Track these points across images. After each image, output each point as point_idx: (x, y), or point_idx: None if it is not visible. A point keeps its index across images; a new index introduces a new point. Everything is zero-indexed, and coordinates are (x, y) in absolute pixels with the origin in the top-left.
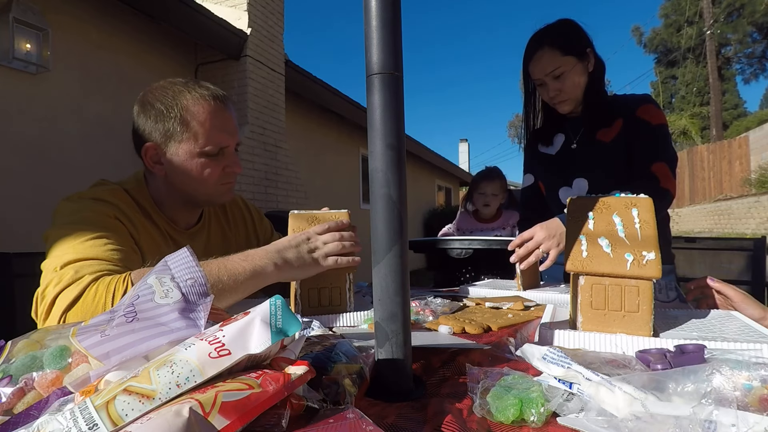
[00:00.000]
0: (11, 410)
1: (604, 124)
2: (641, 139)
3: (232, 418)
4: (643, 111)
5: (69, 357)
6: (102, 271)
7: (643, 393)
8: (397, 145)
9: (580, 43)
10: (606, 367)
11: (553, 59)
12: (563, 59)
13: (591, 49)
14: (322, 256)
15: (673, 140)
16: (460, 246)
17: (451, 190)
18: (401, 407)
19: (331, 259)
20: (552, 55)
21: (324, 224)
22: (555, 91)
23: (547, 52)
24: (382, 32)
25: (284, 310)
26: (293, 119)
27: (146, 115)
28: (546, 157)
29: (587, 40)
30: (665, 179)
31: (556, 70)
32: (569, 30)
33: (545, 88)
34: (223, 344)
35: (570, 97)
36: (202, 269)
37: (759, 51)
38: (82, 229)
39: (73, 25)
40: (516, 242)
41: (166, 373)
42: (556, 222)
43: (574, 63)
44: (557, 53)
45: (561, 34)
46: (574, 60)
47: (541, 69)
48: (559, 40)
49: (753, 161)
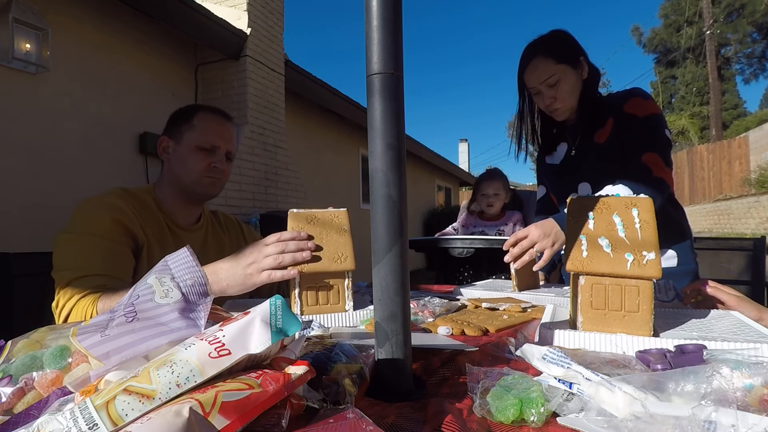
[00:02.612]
0: (11, 410)
1: (598, 125)
2: (630, 133)
3: (232, 418)
4: (629, 105)
5: (69, 357)
6: (87, 290)
7: (643, 393)
8: (397, 145)
9: (574, 52)
10: (606, 367)
11: (547, 67)
12: (557, 67)
13: (584, 57)
14: (256, 271)
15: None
16: (461, 245)
17: (451, 190)
18: (401, 407)
19: (265, 274)
20: (546, 64)
21: (274, 235)
22: (550, 98)
23: (542, 60)
24: (383, 32)
25: (284, 310)
26: (293, 119)
27: (170, 120)
28: (552, 167)
29: (580, 49)
30: (658, 168)
31: (551, 78)
32: (562, 40)
33: (541, 96)
34: (223, 344)
35: (565, 104)
36: (201, 269)
37: (759, 51)
38: (83, 240)
39: (73, 25)
40: (510, 241)
41: (166, 372)
42: (550, 222)
43: (568, 71)
44: (551, 61)
45: (554, 44)
46: (568, 68)
47: (536, 77)
48: (553, 49)
49: (753, 161)
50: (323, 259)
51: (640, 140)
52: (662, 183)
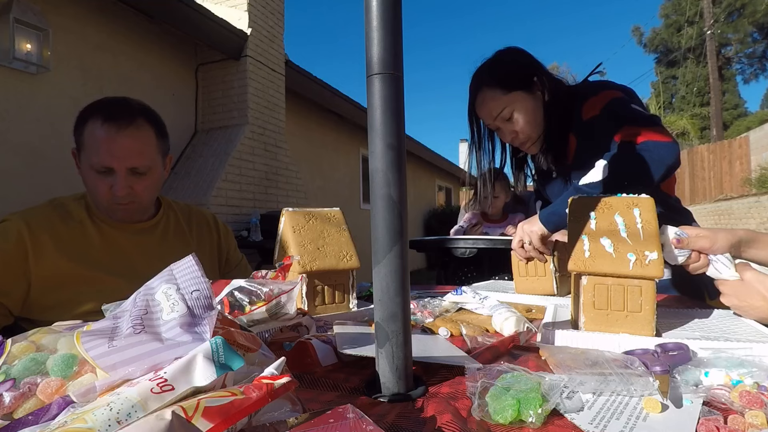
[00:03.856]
0: (11, 414)
1: (564, 149)
2: (595, 139)
3: (216, 421)
4: (585, 112)
5: (75, 365)
6: None
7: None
8: (397, 145)
9: (524, 74)
10: (609, 366)
11: (496, 100)
12: (508, 98)
13: (539, 75)
14: None
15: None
16: (464, 245)
17: (451, 190)
18: (401, 407)
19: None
20: (494, 96)
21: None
22: (511, 134)
23: (488, 93)
24: (383, 32)
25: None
26: (293, 119)
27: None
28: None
29: (532, 67)
30: (637, 135)
31: (503, 111)
32: (507, 63)
33: (501, 132)
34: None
35: (530, 137)
36: (207, 279)
37: (759, 51)
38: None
39: (73, 26)
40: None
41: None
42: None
43: (520, 98)
44: (499, 92)
45: (499, 70)
46: (521, 94)
47: (487, 113)
48: (498, 76)
49: (753, 161)
50: (329, 257)
51: (607, 133)
52: (651, 144)
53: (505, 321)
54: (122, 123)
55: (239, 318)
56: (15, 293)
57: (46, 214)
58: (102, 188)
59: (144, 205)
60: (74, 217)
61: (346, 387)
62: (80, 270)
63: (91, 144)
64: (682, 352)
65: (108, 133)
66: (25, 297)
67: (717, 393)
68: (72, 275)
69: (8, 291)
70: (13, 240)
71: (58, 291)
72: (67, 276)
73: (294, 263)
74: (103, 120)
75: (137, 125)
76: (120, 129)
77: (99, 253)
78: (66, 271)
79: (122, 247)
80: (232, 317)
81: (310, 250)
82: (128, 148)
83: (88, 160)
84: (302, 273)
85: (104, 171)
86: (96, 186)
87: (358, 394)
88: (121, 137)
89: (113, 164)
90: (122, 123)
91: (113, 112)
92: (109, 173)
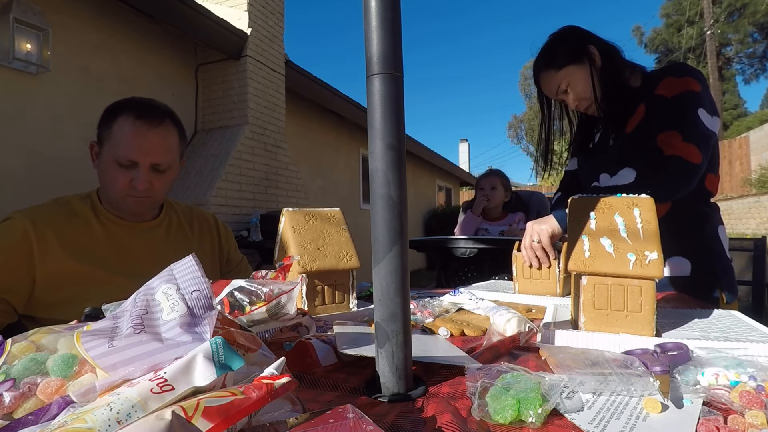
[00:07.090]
0: (11, 414)
1: (627, 116)
2: (655, 117)
3: (216, 421)
4: (661, 87)
5: (75, 365)
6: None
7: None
8: (397, 145)
9: (575, 49)
10: (609, 366)
11: (552, 78)
12: (561, 74)
13: (592, 45)
14: None
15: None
16: (464, 245)
17: (451, 190)
18: (401, 407)
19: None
20: (549, 75)
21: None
22: (574, 101)
23: (545, 74)
24: (382, 32)
25: (225, 348)
26: (293, 119)
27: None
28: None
29: (584, 39)
30: (670, 147)
31: (560, 86)
32: (559, 41)
33: (567, 102)
34: (165, 380)
35: (588, 102)
36: (207, 279)
37: (760, 51)
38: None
39: (73, 25)
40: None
41: (104, 411)
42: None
43: (572, 71)
44: (552, 71)
45: (551, 51)
46: (572, 68)
47: (549, 91)
48: (551, 57)
49: (753, 161)
50: (329, 257)
51: (661, 121)
52: (675, 161)
53: (508, 322)
54: (153, 121)
55: (239, 318)
56: (19, 291)
57: (50, 212)
58: (121, 180)
59: (157, 200)
60: (79, 215)
61: (346, 387)
62: (85, 268)
63: (119, 137)
64: (682, 352)
65: (140, 129)
66: (29, 295)
67: (717, 393)
68: (76, 273)
69: (13, 288)
70: (18, 237)
71: (62, 289)
72: (72, 274)
73: (294, 263)
74: (136, 116)
75: (166, 125)
76: (151, 127)
77: (104, 251)
78: (70, 269)
79: (127, 245)
80: (232, 317)
81: (310, 250)
82: (157, 144)
83: (113, 153)
84: (302, 273)
85: (128, 165)
86: (116, 178)
87: (358, 394)
88: (152, 134)
89: (139, 159)
90: (153, 121)
91: (145, 111)
92: (132, 167)
